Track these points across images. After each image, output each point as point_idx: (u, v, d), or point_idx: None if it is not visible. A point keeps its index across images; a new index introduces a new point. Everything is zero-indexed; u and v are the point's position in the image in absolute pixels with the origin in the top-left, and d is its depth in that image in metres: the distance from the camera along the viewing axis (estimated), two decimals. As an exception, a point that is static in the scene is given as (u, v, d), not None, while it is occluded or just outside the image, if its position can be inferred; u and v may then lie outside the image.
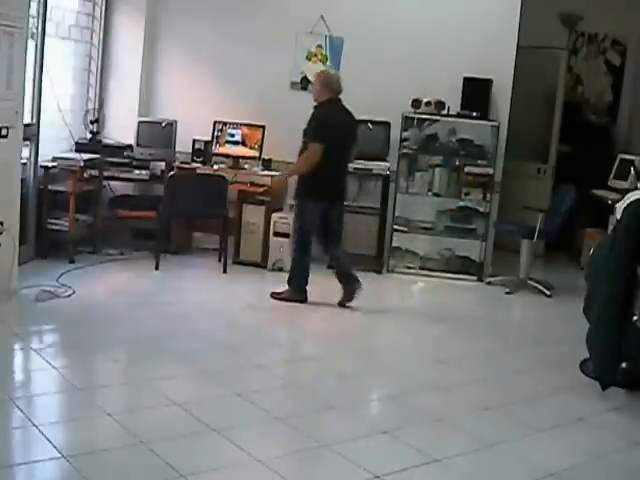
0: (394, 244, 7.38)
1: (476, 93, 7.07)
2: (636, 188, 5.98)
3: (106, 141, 7.27)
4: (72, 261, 6.45)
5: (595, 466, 3.65)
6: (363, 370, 4.81)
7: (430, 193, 7.32)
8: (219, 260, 6.94)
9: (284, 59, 7.44)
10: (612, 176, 7.65)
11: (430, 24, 7.25)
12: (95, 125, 7.25)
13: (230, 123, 7.34)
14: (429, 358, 5.14)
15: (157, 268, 6.61)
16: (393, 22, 7.27)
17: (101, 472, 3.20)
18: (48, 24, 6.31)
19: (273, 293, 6.06)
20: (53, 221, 6.51)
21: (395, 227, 7.31)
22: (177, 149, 7.32)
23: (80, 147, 6.92)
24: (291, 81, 7.49)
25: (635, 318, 4.50)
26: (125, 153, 7.21)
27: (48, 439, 3.37)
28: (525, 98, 7.87)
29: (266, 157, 7.23)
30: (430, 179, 7.30)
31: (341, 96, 5.85)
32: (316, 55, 7.46)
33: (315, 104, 5.89)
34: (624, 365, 4.56)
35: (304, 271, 5.99)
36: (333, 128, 5.75)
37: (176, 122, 7.29)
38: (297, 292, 5.98)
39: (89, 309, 5.45)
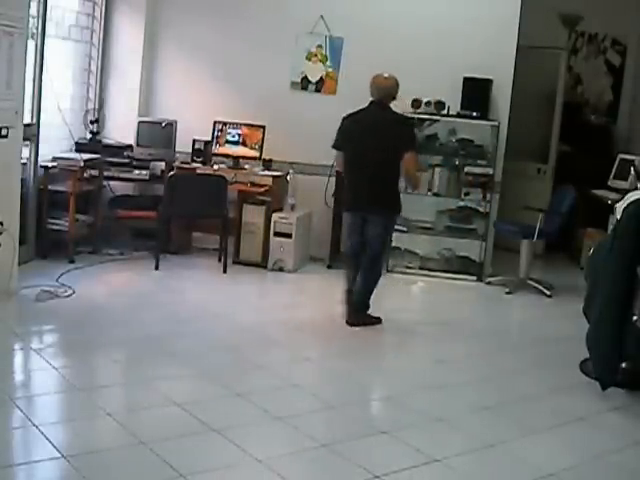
0: (394, 244, 7.38)
1: (476, 93, 7.07)
2: (636, 188, 5.97)
3: (106, 141, 7.27)
4: (72, 261, 6.45)
5: (595, 466, 3.65)
6: (363, 370, 4.81)
7: (430, 193, 7.32)
8: (219, 260, 6.94)
9: (284, 59, 7.44)
10: (612, 176, 7.64)
11: (430, 24, 7.25)
12: (95, 125, 7.26)
13: (230, 123, 7.34)
14: (429, 358, 5.14)
15: (157, 268, 6.61)
16: (393, 22, 7.27)
17: (101, 472, 3.20)
18: (48, 24, 6.30)
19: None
20: (53, 221, 6.51)
21: (395, 227, 7.30)
22: (177, 149, 7.32)
23: (80, 147, 6.92)
24: (291, 81, 7.49)
25: (635, 318, 4.51)
26: (125, 153, 7.21)
27: (48, 439, 3.37)
28: (525, 98, 7.87)
29: (266, 157, 7.23)
30: (430, 179, 7.29)
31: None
32: (316, 55, 7.46)
33: None
34: (624, 365, 4.56)
35: (345, 302, 5.66)
36: (350, 133, 5.54)
37: (176, 122, 7.29)
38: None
39: (89, 309, 5.45)
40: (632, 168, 7.13)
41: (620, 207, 4.61)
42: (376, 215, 5.53)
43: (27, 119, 5.94)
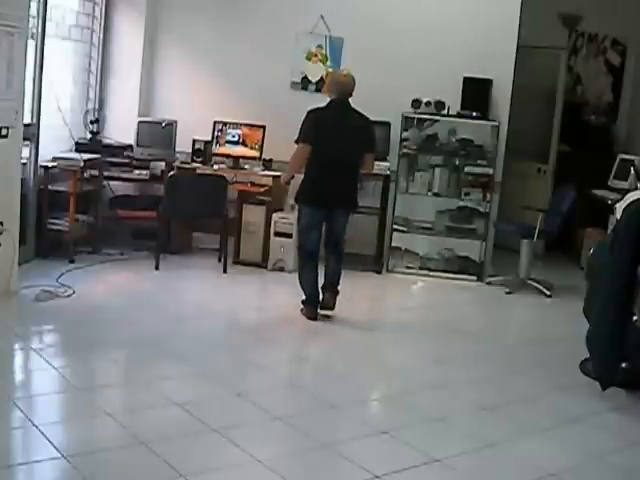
0: (394, 244, 7.39)
1: (476, 93, 7.07)
2: (636, 188, 5.98)
3: (106, 141, 7.26)
4: (72, 261, 6.45)
5: (595, 466, 3.65)
6: (363, 370, 4.81)
7: (430, 193, 7.32)
8: (219, 260, 6.94)
9: (284, 59, 7.44)
10: (612, 176, 7.65)
11: (430, 24, 7.26)
12: (95, 125, 7.25)
13: (230, 123, 7.34)
14: (429, 358, 5.14)
15: (157, 268, 6.61)
16: (393, 22, 7.27)
17: (101, 472, 3.20)
18: (48, 24, 6.29)
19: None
20: (53, 221, 6.51)
21: (395, 227, 7.31)
22: (177, 149, 7.32)
23: (80, 147, 6.91)
24: (291, 81, 7.50)
25: (635, 318, 4.51)
26: (125, 153, 7.20)
27: (48, 439, 3.37)
28: (525, 98, 7.87)
29: (266, 157, 7.23)
30: (430, 179, 7.30)
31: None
32: (316, 55, 7.46)
33: None
34: (624, 365, 4.56)
35: (304, 281, 5.71)
36: (319, 129, 5.53)
37: (176, 122, 7.28)
38: (305, 306, 5.72)
39: (89, 309, 5.45)
40: (632, 168, 7.14)
41: (620, 207, 4.61)
42: (343, 209, 5.71)
43: (27, 119, 5.94)
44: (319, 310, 5.68)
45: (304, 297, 5.71)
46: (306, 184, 5.63)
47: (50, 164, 6.47)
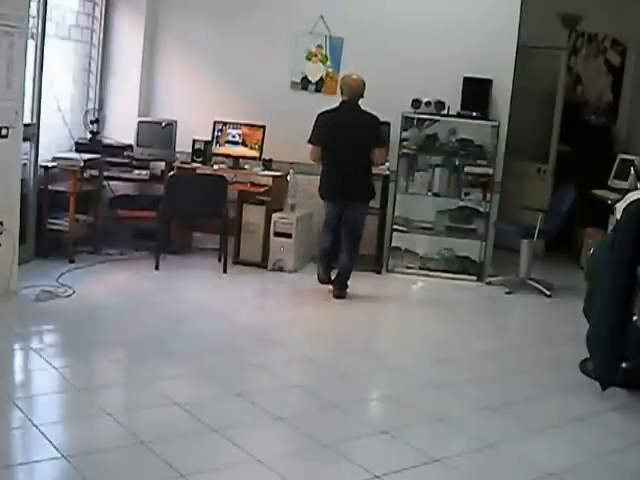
0: (394, 244, 7.39)
1: (476, 93, 7.08)
2: (636, 188, 5.98)
3: (106, 141, 7.26)
4: (72, 261, 6.45)
5: (595, 466, 3.64)
6: (363, 370, 4.81)
7: (430, 193, 7.32)
8: (219, 260, 6.94)
9: (284, 59, 7.44)
10: (612, 176, 7.65)
11: (430, 24, 7.26)
12: (95, 125, 7.25)
13: (230, 123, 7.34)
14: (429, 358, 5.14)
15: (157, 268, 6.61)
16: (393, 22, 7.27)
17: (101, 472, 3.20)
18: (48, 24, 6.30)
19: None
20: (53, 221, 6.52)
21: (395, 227, 7.31)
22: (177, 149, 7.32)
23: (80, 147, 6.91)
24: (291, 81, 7.50)
25: (635, 318, 4.51)
26: (125, 153, 7.20)
27: (48, 439, 3.37)
28: (525, 98, 7.86)
29: (266, 157, 7.23)
30: (430, 179, 7.30)
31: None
32: (316, 55, 7.46)
33: None
34: (624, 365, 4.56)
35: (321, 242, 6.41)
36: (329, 130, 6.08)
37: (176, 122, 7.28)
38: (318, 267, 6.40)
39: (89, 309, 5.45)
40: (632, 168, 7.14)
41: (620, 207, 4.62)
42: (358, 202, 6.22)
43: (27, 119, 5.94)
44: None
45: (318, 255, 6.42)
46: (322, 180, 6.29)
47: (50, 164, 6.47)
